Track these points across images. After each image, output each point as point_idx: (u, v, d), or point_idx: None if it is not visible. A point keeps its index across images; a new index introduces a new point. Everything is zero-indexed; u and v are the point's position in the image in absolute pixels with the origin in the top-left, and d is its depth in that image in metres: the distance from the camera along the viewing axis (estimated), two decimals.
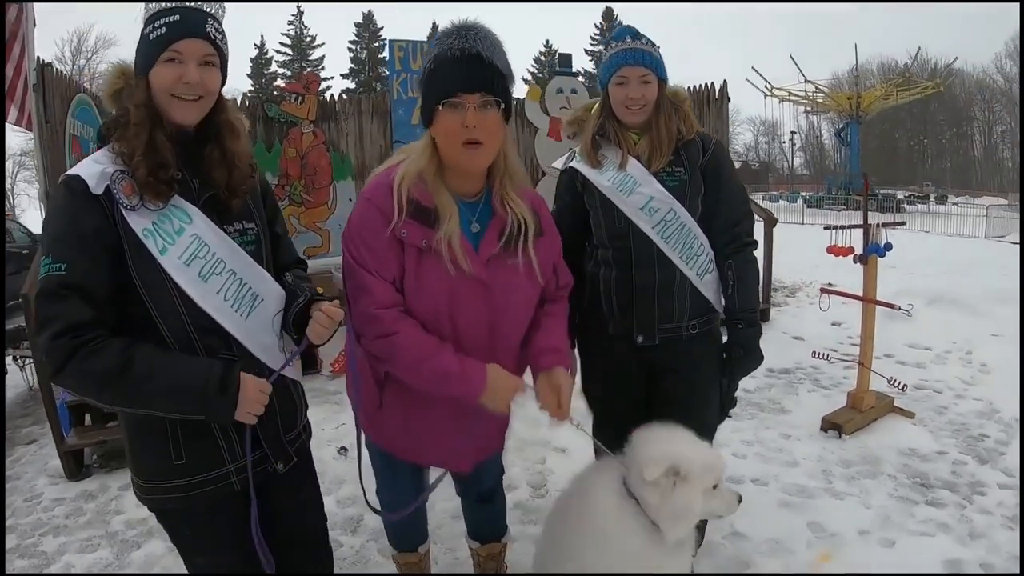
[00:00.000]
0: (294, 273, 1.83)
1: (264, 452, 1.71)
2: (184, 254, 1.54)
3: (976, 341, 6.03)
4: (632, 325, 2.33)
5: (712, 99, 7.24)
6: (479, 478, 2.32)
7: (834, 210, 31.11)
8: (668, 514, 1.81)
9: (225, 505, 1.68)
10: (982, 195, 42.21)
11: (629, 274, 2.31)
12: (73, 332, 1.41)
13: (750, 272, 2.36)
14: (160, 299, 1.53)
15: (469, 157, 1.76)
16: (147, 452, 1.62)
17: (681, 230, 2.27)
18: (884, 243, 4.35)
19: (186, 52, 1.51)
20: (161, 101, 1.54)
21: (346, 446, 4.03)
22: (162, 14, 1.52)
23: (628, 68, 2.24)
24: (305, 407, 1.94)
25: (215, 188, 1.63)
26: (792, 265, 10.14)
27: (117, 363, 1.43)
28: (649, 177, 2.26)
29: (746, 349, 2.35)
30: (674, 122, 2.30)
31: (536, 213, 1.93)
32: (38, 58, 5.28)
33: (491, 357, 1.86)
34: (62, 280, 1.43)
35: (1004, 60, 56.39)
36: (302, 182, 6.02)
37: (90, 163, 1.53)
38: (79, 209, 1.47)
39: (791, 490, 3.46)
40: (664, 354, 2.34)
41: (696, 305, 2.33)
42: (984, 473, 3.61)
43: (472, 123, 1.70)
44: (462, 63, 1.69)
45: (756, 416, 4.52)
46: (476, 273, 1.80)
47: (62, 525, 3.43)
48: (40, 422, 4.96)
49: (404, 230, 1.76)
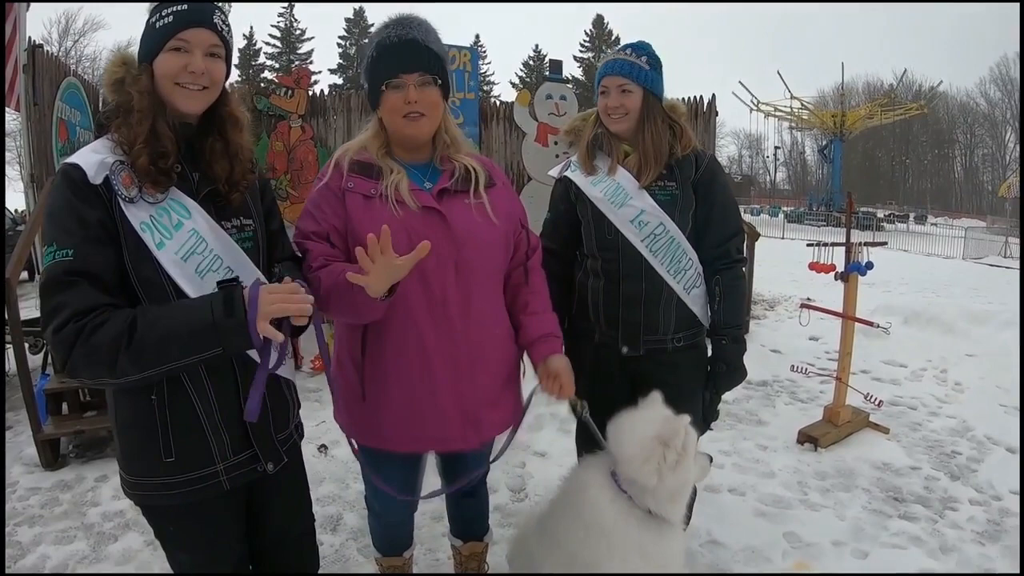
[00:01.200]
0: (284, 265, 1.78)
1: (254, 451, 1.67)
2: (181, 249, 1.52)
3: (951, 360, 6.12)
4: (617, 335, 2.35)
5: (700, 112, 7.30)
6: (465, 470, 2.29)
7: (815, 226, 31.48)
8: (666, 495, 1.83)
9: (213, 505, 1.64)
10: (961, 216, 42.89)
11: (617, 285, 2.33)
12: (77, 318, 1.37)
13: (737, 289, 2.38)
14: (155, 294, 1.50)
15: (413, 126, 1.91)
16: (136, 448, 1.58)
17: (670, 244, 2.29)
18: (865, 262, 4.40)
19: (193, 41, 1.51)
20: (165, 89, 1.52)
21: (326, 444, 4.03)
22: (170, 3, 1.51)
23: (608, 78, 2.30)
24: (297, 406, 1.91)
25: (215, 182, 1.61)
26: (772, 279, 10.27)
27: (122, 328, 1.38)
28: (640, 191, 2.28)
29: (730, 365, 2.37)
30: (663, 135, 2.31)
31: (486, 168, 2.05)
32: (29, 39, 5.22)
33: (464, 302, 1.91)
34: (69, 266, 1.40)
35: (988, 85, 57.45)
36: (288, 177, 6.00)
37: (88, 152, 1.50)
38: (79, 198, 1.44)
39: (767, 500, 3.50)
40: (648, 365, 2.36)
41: (682, 318, 2.35)
42: (956, 489, 3.67)
43: (413, 99, 1.86)
44: (401, 47, 1.85)
45: (734, 427, 4.56)
46: (428, 203, 1.88)
47: (37, 515, 3.39)
48: (15, 408, 4.89)
49: (350, 182, 1.90)
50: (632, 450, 1.84)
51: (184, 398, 1.55)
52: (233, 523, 1.74)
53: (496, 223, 1.97)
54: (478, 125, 6.69)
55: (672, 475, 1.80)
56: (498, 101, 7.45)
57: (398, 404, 1.95)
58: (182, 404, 1.55)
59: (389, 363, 1.93)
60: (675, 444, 1.81)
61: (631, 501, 1.87)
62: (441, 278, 1.89)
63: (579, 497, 1.96)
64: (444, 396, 1.95)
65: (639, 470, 1.82)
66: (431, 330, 1.91)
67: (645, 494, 1.85)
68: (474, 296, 1.95)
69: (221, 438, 1.61)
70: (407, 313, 1.89)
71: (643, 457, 1.81)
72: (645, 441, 1.82)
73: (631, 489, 1.87)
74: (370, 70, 1.91)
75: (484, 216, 1.95)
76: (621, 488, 1.89)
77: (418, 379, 1.93)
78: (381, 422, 1.98)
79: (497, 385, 2.07)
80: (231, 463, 1.63)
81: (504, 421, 2.12)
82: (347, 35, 57.90)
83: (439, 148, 2.01)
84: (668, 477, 1.80)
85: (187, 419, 1.56)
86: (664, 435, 1.81)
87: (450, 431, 1.98)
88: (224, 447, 1.61)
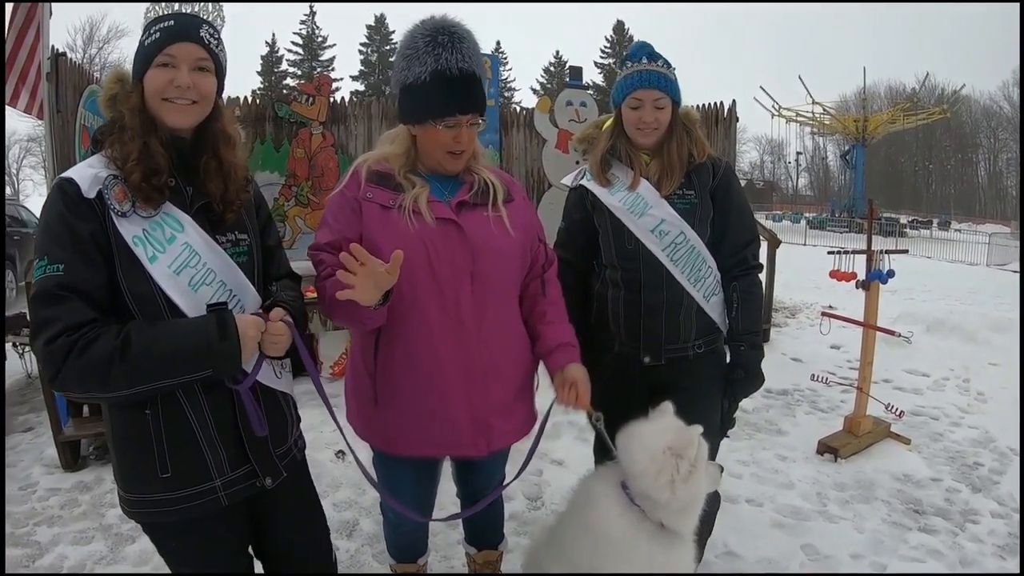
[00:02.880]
0: (281, 284, 1.81)
1: (252, 466, 1.67)
2: (174, 263, 1.53)
3: (974, 369, 6.05)
4: (639, 345, 2.34)
5: (720, 118, 7.27)
6: (480, 479, 2.30)
7: (837, 232, 31.18)
8: (678, 508, 1.81)
9: (213, 521, 1.65)
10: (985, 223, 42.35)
11: (638, 295, 2.31)
12: (69, 332, 1.39)
13: (755, 295, 2.37)
14: (147, 308, 1.51)
15: (452, 162, 1.95)
16: (132, 464, 1.58)
17: (690, 253, 2.27)
18: (887, 270, 4.36)
19: (179, 56, 1.52)
20: (153, 105, 1.54)
21: (343, 449, 4.04)
22: (159, 20, 1.53)
23: (643, 91, 2.23)
24: (297, 420, 1.90)
25: (209, 197, 1.62)
26: (793, 286, 10.18)
27: (115, 345, 1.39)
28: (660, 200, 2.26)
29: (748, 371, 2.35)
30: (686, 145, 2.30)
31: (505, 183, 2.06)
32: (52, 47, 5.30)
33: (478, 312, 1.92)
34: (60, 281, 1.41)
35: (1011, 88, 56.56)
36: (309, 183, 6.05)
37: (83, 167, 1.52)
38: (73, 212, 1.45)
39: (785, 511, 3.47)
40: (669, 373, 2.34)
41: (702, 325, 2.34)
42: (977, 501, 3.61)
43: (464, 141, 1.91)
44: (462, 84, 1.84)
45: (753, 436, 4.52)
46: (446, 215, 1.89)
47: (56, 515, 3.43)
48: (37, 410, 4.97)
49: (368, 192, 1.91)
50: (644, 463, 1.82)
51: (179, 412, 1.55)
52: (234, 539, 1.76)
53: (513, 235, 1.97)
54: (499, 132, 6.70)
55: (685, 488, 1.78)
56: (518, 108, 7.47)
57: (409, 408, 1.96)
58: (177, 418, 1.55)
59: (401, 369, 1.95)
60: (688, 455, 1.79)
61: (642, 514, 1.86)
62: (456, 288, 1.90)
63: (588, 509, 1.95)
64: (455, 403, 1.95)
65: (652, 484, 1.79)
66: (444, 339, 1.91)
67: (657, 508, 1.83)
68: (489, 307, 1.95)
69: (218, 453, 1.61)
70: (421, 321, 1.90)
71: (655, 471, 1.78)
72: (657, 454, 1.80)
73: (643, 503, 1.85)
74: (420, 95, 1.86)
75: (501, 228, 1.96)
76: (633, 501, 1.88)
77: (430, 385, 1.94)
78: (392, 426, 2.00)
79: (510, 395, 2.07)
80: (228, 478, 1.63)
81: (517, 431, 2.12)
82: (368, 42, 58.22)
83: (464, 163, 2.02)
84: (681, 490, 1.78)
85: (182, 434, 1.56)
86: (676, 447, 1.79)
87: (460, 437, 1.99)
88: (221, 462, 1.61)
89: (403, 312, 1.88)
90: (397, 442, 2.02)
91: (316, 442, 3.90)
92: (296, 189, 5.97)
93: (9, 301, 9.75)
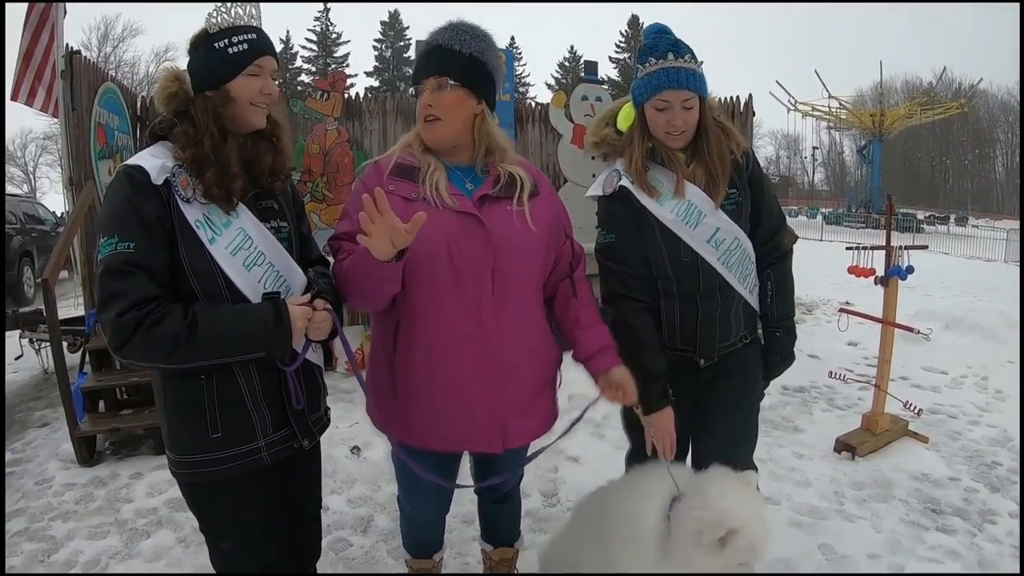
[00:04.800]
0: (315, 269, 1.96)
1: (291, 430, 1.85)
2: (230, 245, 1.69)
3: (992, 367, 5.99)
4: (694, 349, 2.27)
5: (737, 113, 7.22)
6: (497, 474, 2.27)
7: (853, 227, 30.96)
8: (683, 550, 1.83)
9: (254, 480, 1.79)
10: (1002, 218, 41.92)
11: (694, 305, 2.22)
12: (138, 306, 1.53)
13: (788, 282, 2.36)
14: (207, 284, 1.67)
15: (428, 129, 1.96)
16: (184, 426, 1.72)
17: (742, 256, 2.22)
18: (906, 266, 4.31)
19: (265, 67, 1.73)
20: (240, 109, 1.71)
21: (359, 445, 4.04)
22: (237, 31, 1.70)
23: (671, 92, 2.05)
24: (326, 392, 2.08)
25: (259, 181, 1.80)
26: (810, 282, 10.10)
27: (183, 325, 1.56)
28: (715, 208, 2.15)
29: (783, 355, 2.38)
30: (724, 145, 2.18)
31: (532, 177, 2.06)
32: (67, 45, 5.34)
33: (498, 309, 1.92)
34: (129, 258, 1.55)
35: None
36: (324, 179, 6.03)
37: (148, 156, 1.66)
38: (141, 197, 1.60)
39: (802, 510, 3.44)
40: (718, 367, 2.31)
41: (747, 318, 2.32)
42: (996, 501, 3.57)
43: (428, 102, 1.93)
44: (425, 54, 1.94)
45: (770, 434, 4.48)
46: (468, 208, 1.90)
47: (72, 510, 3.45)
48: (53, 406, 5.01)
49: (391, 184, 1.92)
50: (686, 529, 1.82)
51: (231, 379, 1.72)
52: (272, 503, 1.88)
53: (535, 232, 1.95)
54: (514, 127, 6.68)
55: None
56: (534, 103, 7.45)
57: (426, 402, 1.97)
58: (229, 385, 1.72)
59: (419, 362, 1.95)
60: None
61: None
62: (476, 284, 1.90)
63: (630, 502, 2.00)
64: (472, 398, 1.94)
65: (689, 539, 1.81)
66: (463, 336, 1.91)
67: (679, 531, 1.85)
68: (509, 304, 1.94)
69: (264, 415, 1.78)
70: (439, 314, 1.90)
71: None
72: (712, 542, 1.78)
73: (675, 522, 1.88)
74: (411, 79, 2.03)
75: (524, 224, 1.94)
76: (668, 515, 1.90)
77: (446, 380, 1.94)
78: (410, 419, 2.00)
79: (529, 395, 2.05)
80: (271, 439, 1.80)
81: (536, 431, 2.11)
82: (383, 38, 58.32)
83: (479, 151, 2.00)
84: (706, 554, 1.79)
85: (233, 398, 1.73)
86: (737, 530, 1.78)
87: (475, 431, 1.98)
88: (266, 424, 1.79)
89: (422, 307, 1.90)
90: (414, 435, 2.02)
91: (332, 437, 3.91)
92: (311, 185, 5.95)
93: (27, 298, 9.84)
